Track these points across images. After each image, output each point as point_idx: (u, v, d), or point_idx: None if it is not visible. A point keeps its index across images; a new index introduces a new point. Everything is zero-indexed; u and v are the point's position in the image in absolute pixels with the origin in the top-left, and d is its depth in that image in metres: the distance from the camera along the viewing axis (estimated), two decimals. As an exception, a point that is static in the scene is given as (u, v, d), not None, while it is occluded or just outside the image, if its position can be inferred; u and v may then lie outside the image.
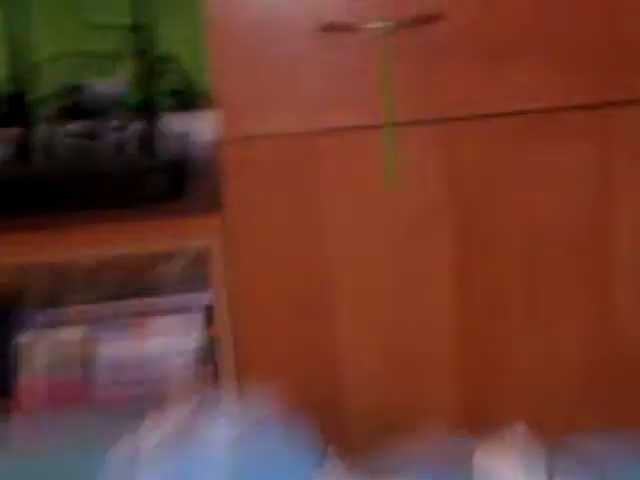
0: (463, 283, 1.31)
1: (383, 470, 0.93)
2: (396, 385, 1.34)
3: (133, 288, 1.41)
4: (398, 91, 1.25)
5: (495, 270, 1.31)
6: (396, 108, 1.25)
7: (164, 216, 1.33)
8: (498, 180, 1.29)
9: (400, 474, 0.91)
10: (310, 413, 0.96)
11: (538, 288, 1.32)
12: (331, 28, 1.23)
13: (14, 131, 1.46)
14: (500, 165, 1.28)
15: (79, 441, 0.97)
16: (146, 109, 1.48)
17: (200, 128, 1.49)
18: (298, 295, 1.32)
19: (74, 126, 1.46)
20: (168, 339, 1.38)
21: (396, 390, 1.33)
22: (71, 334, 1.39)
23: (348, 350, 1.33)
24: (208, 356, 1.38)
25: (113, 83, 1.53)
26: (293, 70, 1.25)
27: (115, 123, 1.45)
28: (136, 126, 1.44)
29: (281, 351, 1.33)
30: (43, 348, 1.38)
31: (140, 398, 1.35)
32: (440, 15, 1.23)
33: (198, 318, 1.40)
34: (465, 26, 1.24)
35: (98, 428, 0.99)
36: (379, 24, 1.22)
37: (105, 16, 1.53)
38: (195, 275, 1.41)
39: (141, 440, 0.92)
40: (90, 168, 1.38)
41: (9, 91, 1.52)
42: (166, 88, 1.55)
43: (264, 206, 1.29)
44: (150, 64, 1.52)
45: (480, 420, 1.29)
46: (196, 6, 1.26)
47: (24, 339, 1.39)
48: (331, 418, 1.22)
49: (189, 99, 1.55)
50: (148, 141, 1.40)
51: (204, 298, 1.40)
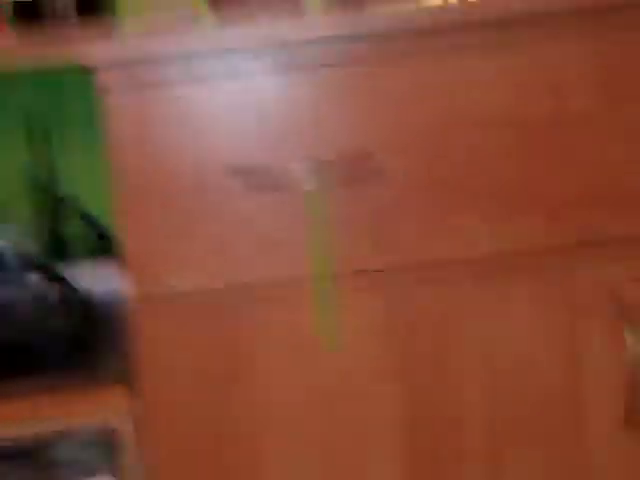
0: (411, 448, 1.20)
1: None
2: None
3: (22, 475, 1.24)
4: (332, 240, 1.14)
5: (448, 434, 1.20)
6: (330, 259, 1.14)
7: (61, 389, 1.19)
8: (450, 333, 1.19)
9: None
10: None
11: (499, 449, 1.22)
12: (250, 172, 1.12)
13: None
14: (452, 316, 1.19)
15: None
16: (46, 259, 1.36)
17: (109, 281, 1.36)
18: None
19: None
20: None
21: None
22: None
23: None
24: None
25: (7, 229, 1.39)
26: (208, 221, 1.14)
27: (6, 277, 1.29)
28: (32, 279, 1.29)
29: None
30: None
31: None
32: (371, 154, 1.13)
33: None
34: (401, 166, 1.15)
35: None
36: (304, 167, 1.12)
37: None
38: (99, 458, 1.25)
39: None
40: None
41: None
42: (70, 234, 1.42)
43: (178, 375, 1.16)
44: (52, 207, 1.41)
45: None
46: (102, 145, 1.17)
47: None
48: None
49: (98, 246, 1.41)
50: (43, 299, 1.26)
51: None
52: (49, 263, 1.32)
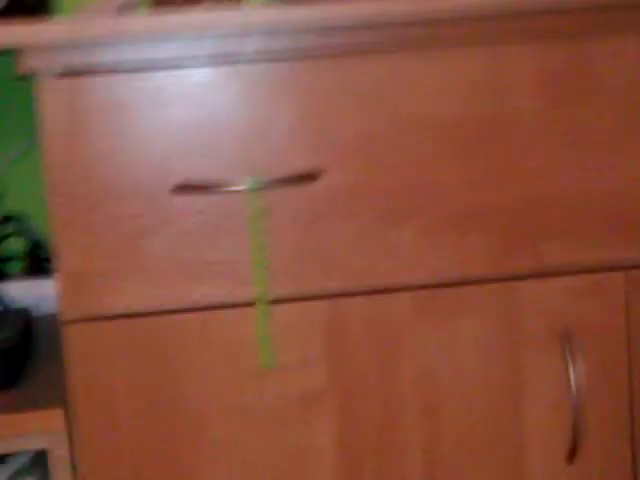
0: (350, 473, 1.16)
1: None
2: None
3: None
4: (273, 261, 1.11)
5: (389, 454, 1.17)
6: (271, 281, 1.10)
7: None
8: (392, 356, 1.15)
9: None
10: None
11: (438, 467, 1.18)
12: (188, 190, 1.07)
13: None
14: (393, 341, 1.15)
15: None
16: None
17: (50, 299, 1.32)
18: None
19: None
20: None
21: None
22: None
23: None
24: None
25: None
26: (146, 239, 1.09)
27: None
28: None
29: None
30: None
31: None
32: (316, 174, 1.10)
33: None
34: (345, 188, 1.11)
35: None
36: (245, 185, 1.08)
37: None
38: None
39: None
40: None
41: None
42: (12, 251, 1.37)
43: (114, 398, 1.11)
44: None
45: None
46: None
47: None
48: None
49: (36, 265, 1.37)
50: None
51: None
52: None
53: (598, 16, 1.12)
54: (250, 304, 1.11)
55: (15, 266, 1.39)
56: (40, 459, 1.21)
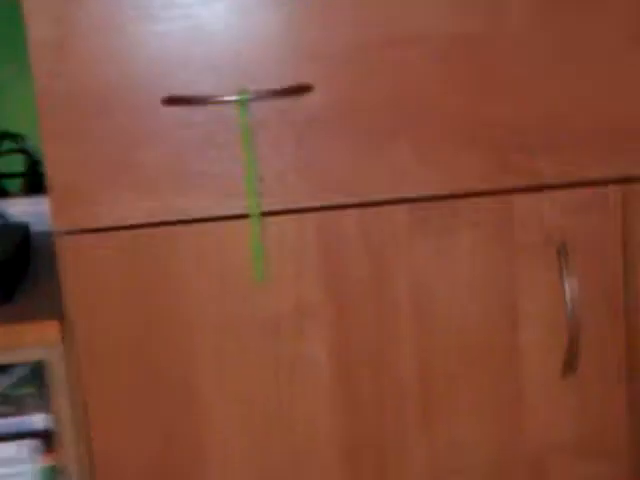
0: (346, 384, 1.17)
1: None
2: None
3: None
4: (266, 175, 1.10)
5: (385, 365, 1.16)
6: (264, 194, 1.10)
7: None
8: (386, 269, 1.15)
9: None
10: None
11: (434, 387, 1.18)
12: (179, 102, 1.06)
13: None
14: (388, 254, 1.15)
15: None
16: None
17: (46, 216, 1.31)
18: (159, 411, 1.15)
19: None
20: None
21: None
22: None
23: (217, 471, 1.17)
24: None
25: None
26: (137, 152, 1.08)
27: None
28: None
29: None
30: None
31: None
32: (307, 87, 1.08)
33: (34, 445, 1.20)
34: (337, 101, 1.10)
35: None
36: (236, 97, 1.07)
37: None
38: (30, 393, 1.23)
39: None
40: None
41: None
42: (9, 170, 1.37)
43: (109, 310, 1.12)
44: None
45: None
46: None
47: None
48: None
49: (35, 183, 1.37)
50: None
51: (41, 421, 1.21)
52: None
53: None
54: (243, 216, 1.11)
55: (15, 184, 1.38)
56: (40, 369, 1.22)
